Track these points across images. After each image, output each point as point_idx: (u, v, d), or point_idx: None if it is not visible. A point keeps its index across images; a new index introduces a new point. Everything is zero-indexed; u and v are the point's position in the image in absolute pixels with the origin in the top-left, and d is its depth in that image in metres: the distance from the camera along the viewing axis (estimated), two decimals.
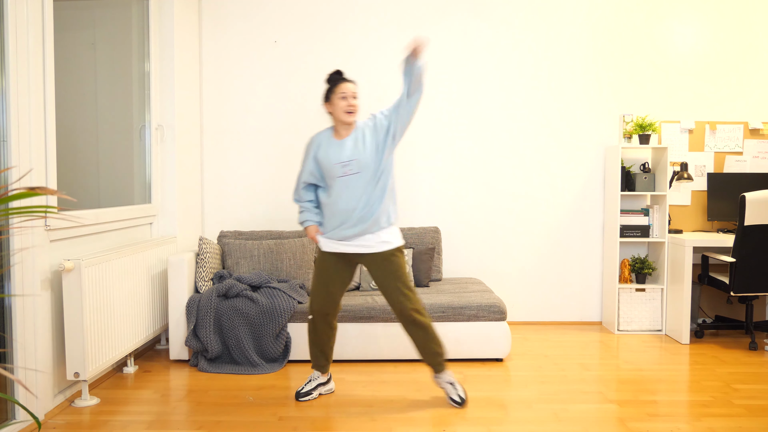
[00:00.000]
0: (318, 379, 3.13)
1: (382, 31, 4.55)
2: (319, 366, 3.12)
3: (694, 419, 2.85)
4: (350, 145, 2.89)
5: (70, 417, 2.90)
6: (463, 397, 3.01)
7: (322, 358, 3.11)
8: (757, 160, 4.55)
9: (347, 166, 2.87)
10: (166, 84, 4.06)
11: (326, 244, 2.97)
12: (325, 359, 3.11)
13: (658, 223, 4.34)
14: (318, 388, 3.13)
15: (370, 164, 2.86)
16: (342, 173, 2.87)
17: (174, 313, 3.68)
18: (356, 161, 2.86)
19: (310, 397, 3.10)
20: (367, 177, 2.86)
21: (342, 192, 2.89)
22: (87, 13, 3.78)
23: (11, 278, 2.66)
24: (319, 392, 3.14)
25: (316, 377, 3.13)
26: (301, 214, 3.05)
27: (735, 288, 3.89)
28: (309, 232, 3.02)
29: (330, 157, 2.90)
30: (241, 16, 4.56)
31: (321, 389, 3.15)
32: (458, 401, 3.00)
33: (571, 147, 4.61)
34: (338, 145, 2.90)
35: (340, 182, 2.88)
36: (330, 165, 2.90)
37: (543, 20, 4.57)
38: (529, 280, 4.66)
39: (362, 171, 2.86)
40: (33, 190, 1.50)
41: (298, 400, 3.09)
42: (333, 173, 2.90)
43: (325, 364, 3.12)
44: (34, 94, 2.79)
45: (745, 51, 4.58)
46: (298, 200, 3.07)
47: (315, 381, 3.12)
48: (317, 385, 3.13)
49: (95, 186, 3.84)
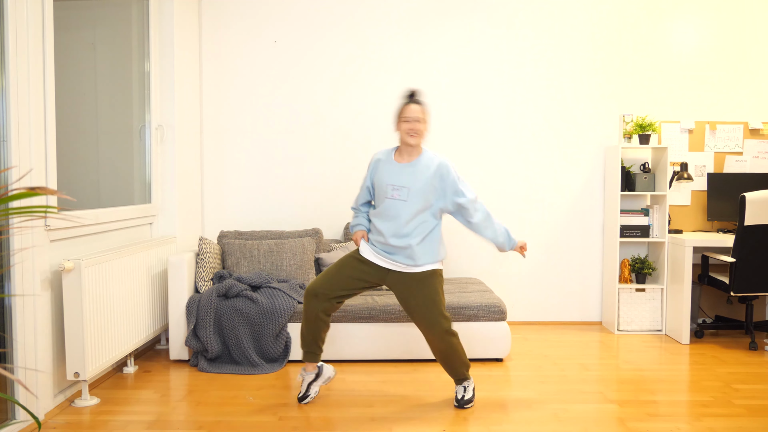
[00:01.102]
0: (307, 377, 3.08)
1: (382, 31, 4.55)
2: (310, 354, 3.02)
3: (694, 419, 2.85)
4: (409, 172, 2.90)
5: (70, 417, 2.90)
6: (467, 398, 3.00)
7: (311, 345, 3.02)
8: (757, 160, 4.55)
9: (397, 190, 2.88)
10: (166, 84, 4.06)
11: (365, 250, 2.98)
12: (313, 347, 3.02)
13: (658, 223, 4.34)
14: (312, 385, 3.09)
15: (418, 198, 2.86)
16: (390, 195, 2.89)
17: (174, 313, 3.68)
18: (407, 189, 2.87)
19: (310, 397, 3.08)
20: (411, 209, 2.86)
21: (385, 213, 2.91)
22: (87, 13, 3.78)
23: (11, 278, 2.66)
24: (317, 387, 3.10)
25: (303, 375, 3.09)
26: (354, 218, 3.10)
27: (735, 288, 3.89)
28: (355, 236, 3.04)
29: (384, 177, 2.93)
30: (241, 16, 4.56)
31: (314, 386, 3.09)
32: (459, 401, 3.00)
33: (571, 147, 4.61)
34: (398, 168, 2.93)
35: (387, 203, 2.90)
36: (382, 184, 2.93)
37: (543, 20, 4.57)
38: (529, 280, 4.66)
39: (409, 201, 2.86)
40: (33, 190, 1.50)
41: (301, 403, 3.08)
42: (383, 193, 2.92)
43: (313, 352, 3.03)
44: (34, 94, 2.79)
45: (745, 51, 4.58)
46: (354, 208, 3.13)
47: (306, 381, 3.09)
48: (309, 384, 3.09)
49: (95, 186, 3.83)
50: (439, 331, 2.89)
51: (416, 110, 2.88)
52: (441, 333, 2.90)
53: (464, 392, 3.02)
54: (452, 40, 4.57)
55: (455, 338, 2.95)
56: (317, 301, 2.97)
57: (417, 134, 2.88)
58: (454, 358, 2.98)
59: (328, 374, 3.15)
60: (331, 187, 4.61)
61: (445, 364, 3.01)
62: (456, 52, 4.57)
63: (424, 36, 4.56)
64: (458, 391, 3.04)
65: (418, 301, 2.89)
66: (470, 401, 3.01)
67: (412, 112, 2.87)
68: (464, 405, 3.00)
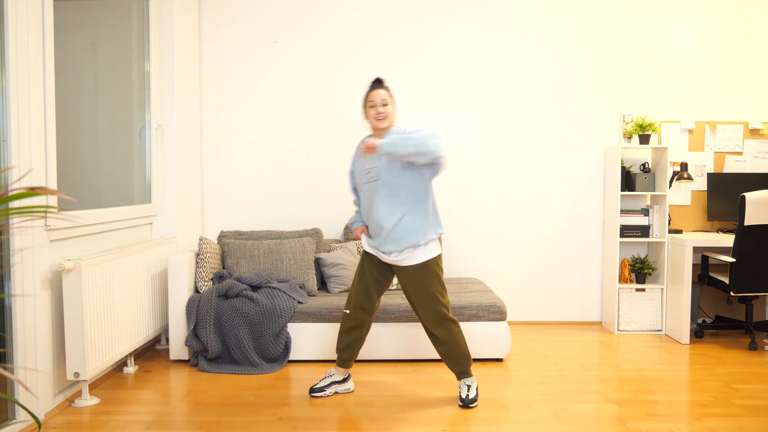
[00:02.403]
0: (334, 375, 3.14)
1: (382, 31, 4.55)
2: (342, 360, 3.12)
3: (694, 419, 2.85)
4: (363, 164, 2.94)
5: (70, 417, 2.90)
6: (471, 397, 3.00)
7: (347, 352, 3.11)
8: (757, 160, 4.55)
9: (370, 173, 2.90)
10: (166, 84, 4.06)
11: (367, 245, 3.03)
12: (349, 354, 3.11)
13: (658, 223, 4.34)
14: (333, 385, 3.13)
15: (384, 174, 2.85)
16: (366, 179, 2.91)
17: (174, 313, 3.68)
18: (376, 168, 2.88)
19: (324, 393, 3.10)
20: (387, 188, 2.85)
21: (367, 198, 2.93)
22: (87, 13, 3.78)
23: (11, 278, 2.66)
24: (335, 390, 3.14)
25: (332, 373, 3.14)
26: (352, 216, 3.15)
27: (735, 288, 3.89)
28: (355, 233, 3.08)
29: (359, 164, 2.98)
30: (241, 16, 4.56)
31: (337, 387, 3.14)
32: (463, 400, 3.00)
33: (571, 147, 4.61)
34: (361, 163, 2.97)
35: (365, 189, 2.93)
36: (359, 171, 2.96)
37: (544, 21, 4.57)
38: (529, 280, 4.66)
39: (380, 179, 2.86)
40: (33, 190, 1.50)
41: (312, 396, 3.09)
42: (360, 180, 2.95)
43: (348, 360, 3.12)
44: (34, 95, 2.79)
45: (745, 51, 4.58)
46: (356, 203, 3.17)
47: (330, 378, 3.13)
48: (331, 382, 3.12)
49: (95, 186, 3.84)
50: (437, 318, 2.93)
51: (382, 94, 2.91)
52: (440, 319, 2.94)
53: (468, 390, 3.01)
54: (452, 40, 4.56)
55: (456, 326, 2.97)
56: (367, 314, 3.07)
57: (384, 117, 2.90)
58: (455, 349, 2.98)
59: (349, 386, 3.20)
60: (331, 187, 4.61)
61: (447, 355, 3.00)
62: (456, 52, 4.57)
63: (424, 36, 4.56)
64: (462, 390, 3.02)
65: (415, 290, 2.94)
66: (475, 400, 3.00)
67: (378, 96, 2.90)
68: (469, 404, 2.98)
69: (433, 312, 2.93)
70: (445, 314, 2.95)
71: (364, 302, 3.04)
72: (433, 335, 2.99)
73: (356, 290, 3.06)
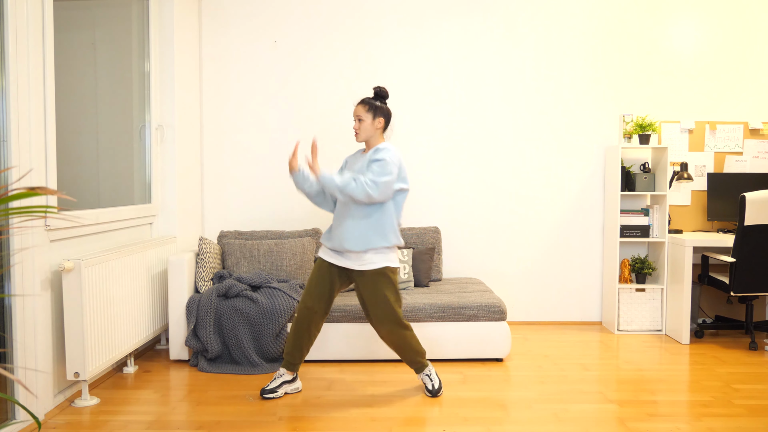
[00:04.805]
0: (284, 376, 3.14)
1: (382, 31, 4.55)
2: (289, 364, 3.12)
3: (694, 419, 2.85)
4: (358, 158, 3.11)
5: (70, 417, 2.90)
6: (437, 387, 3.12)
7: (297, 355, 3.10)
8: (757, 160, 4.55)
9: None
10: (166, 84, 4.06)
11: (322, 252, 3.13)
12: (299, 356, 3.11)
13: (658, 223, 4.34)
14: (283, 385, 3.14)
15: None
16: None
17: (174, 313, 3.68)
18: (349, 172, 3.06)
19: (275, 395, 3.11)
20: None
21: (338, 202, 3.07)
22: (87, 13, 3.78)
23: (11, 278, 2.66)
24: (285, 391, 3.15)
25: (281, 374, 3.13)
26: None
27: (735, 288, 3.89)
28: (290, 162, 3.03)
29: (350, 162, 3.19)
30: (241, 17, 4.56)
31: (287, 387, 3.15)
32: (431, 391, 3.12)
33: (571, 147, 4.61)
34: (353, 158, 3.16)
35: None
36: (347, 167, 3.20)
37: (543, 20, 4.57)
38: (529, 280, 4.66)
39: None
40: (33, 190, 1.50)
41: (263, 397, 3.10)
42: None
43: (297, 363, 3.13)
44: (34, 94, 2.79)
45: (745, 51, 4.58)
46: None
47: (280, 378, 3.13)
48: (282, 382, 3.13)
49: (95, 186, 3.84)
50: (388, 327, 3.01)
51: (358, 109, 3.02)
52: (391, 327, 3.01)
53: (431, 381, 3.14)
54: (452, 40, 4.56)
55: (408, 331, 3.07)
56: (317, 317, 3.08)
57: (357, 132, 3.02)
58: (406, 349, 3.09)
59: (297, 385, 3.21)
60: None
61: (401, 354, 3.12)
62: (456, 52, 4.57)
63: (424, 36, 4.56)
64: (425, 382, 3.15)
65: (367, 297, 3.01)
66: (441, 388, 3.14)
67: (354, 111, 3.03)
68: (437, 394, 3.11)
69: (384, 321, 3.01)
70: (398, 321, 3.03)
71: (312, 304, 3.09)
72: (386, 340, 3.09)
73: (307, 290, 3.14)
